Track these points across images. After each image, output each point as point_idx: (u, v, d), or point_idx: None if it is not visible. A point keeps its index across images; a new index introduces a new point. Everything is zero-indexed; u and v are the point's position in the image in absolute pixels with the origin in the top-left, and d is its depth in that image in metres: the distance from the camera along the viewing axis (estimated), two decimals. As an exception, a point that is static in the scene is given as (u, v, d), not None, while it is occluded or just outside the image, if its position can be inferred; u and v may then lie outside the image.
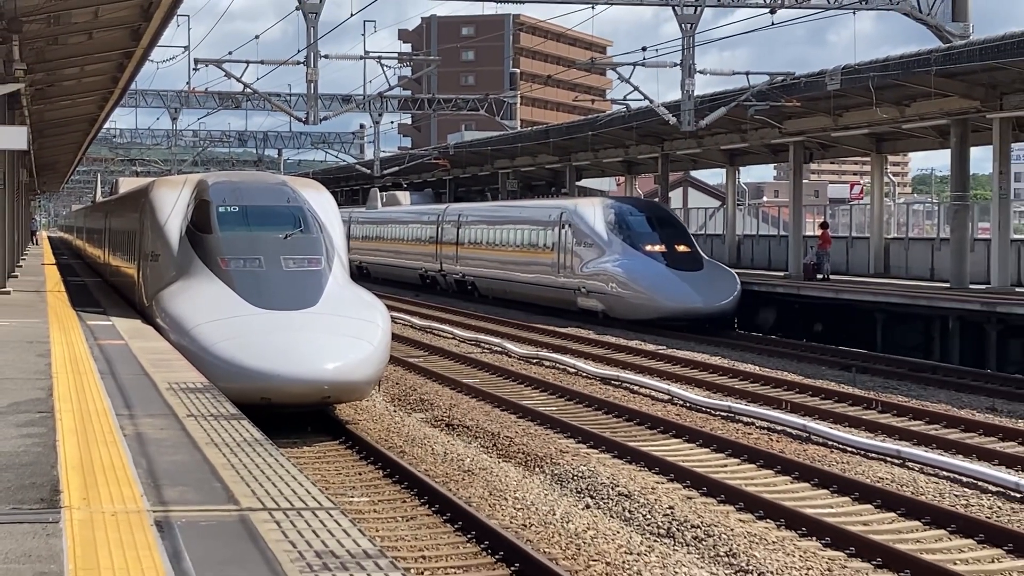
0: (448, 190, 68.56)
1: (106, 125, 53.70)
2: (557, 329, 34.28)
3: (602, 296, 36.04)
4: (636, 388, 23.33)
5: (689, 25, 36.34)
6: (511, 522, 13.06)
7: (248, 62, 40.83)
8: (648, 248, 35.63)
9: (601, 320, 35.59)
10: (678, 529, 12.83)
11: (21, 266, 42.22)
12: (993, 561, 12.33)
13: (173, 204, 22.10)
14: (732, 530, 12.69)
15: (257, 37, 61.97)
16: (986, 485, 15.09)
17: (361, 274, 59.26)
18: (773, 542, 12.44)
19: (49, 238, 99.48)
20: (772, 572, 11.25)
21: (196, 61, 40.18)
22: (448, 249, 49.59)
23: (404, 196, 62.27)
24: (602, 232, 36.78)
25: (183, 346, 17.91)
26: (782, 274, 40.79)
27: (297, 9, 35.00)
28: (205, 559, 6.73)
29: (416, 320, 37.07)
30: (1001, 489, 14.86)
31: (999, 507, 14.11)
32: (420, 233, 53.58)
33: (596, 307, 36.48)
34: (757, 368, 25.85)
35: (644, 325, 33.79)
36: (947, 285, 34.34)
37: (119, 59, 27.64)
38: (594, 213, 37.51)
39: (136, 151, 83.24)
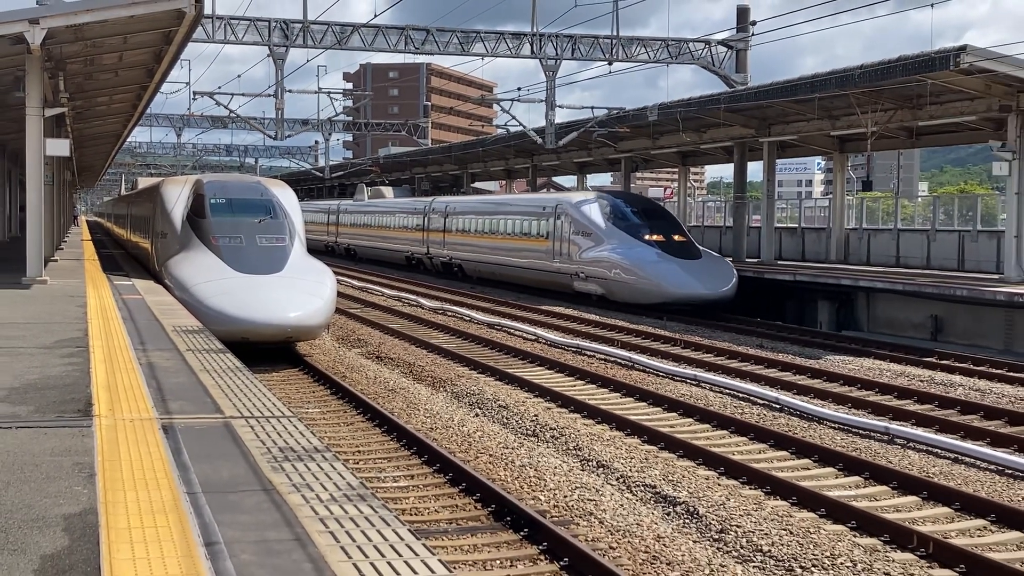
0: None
1: (128, 139, 52.42)
2: (457, 289, 34.19)
3: (602, 281, 28.73)
4: (513, 331, 23.38)
5: (551, 72, 36.34)
6: (422, 426, 13.06)
7: (233, 94, 40.71)
8: (647, 237, 28.47)
9: (596, 303, 29.02)
10: (541, 431, 12.91)
11: (66, 241, 41.29)
12: (760, 452, 12.57)
13: (178, 197, 21.79)
14: (579, 431, 12.79)
15: (239, 76, 61.16)
16: (755, 400, 15.38)
17: (348, 255, 54.87)
18: (607, 440, 12.56)
19: (87, 221, 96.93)
20: (606, 460, 11.35)
21: (195, 93, 39.63)
22: (435, 235, 41.46)
23: (388, 191, 56.18)
24: (600, 222, 29.54)
25: (184, 300, 17.67)
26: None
27: (268, 56, 34.79)
28: (198, 453, 6.66)
29: (355, 282, 36.80)
30: (766, 402, 15.16)
31: (764, 415, 14.38)
32: (407, 221, 45.21)
33: (595, 291, 29.20)
34: (597, 317, 26.02)
35: (645, 309, 27.18)
36: (730, 259, 34.86)
37: (137, 91, 27.03)
38: (590, 205, 30.26)
39: (150, 158, 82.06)
